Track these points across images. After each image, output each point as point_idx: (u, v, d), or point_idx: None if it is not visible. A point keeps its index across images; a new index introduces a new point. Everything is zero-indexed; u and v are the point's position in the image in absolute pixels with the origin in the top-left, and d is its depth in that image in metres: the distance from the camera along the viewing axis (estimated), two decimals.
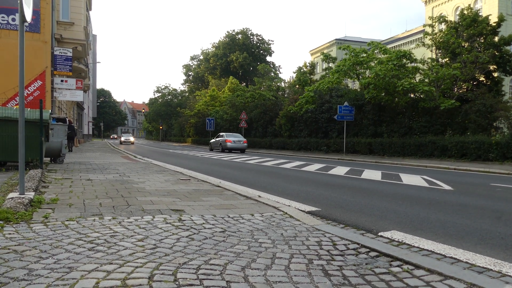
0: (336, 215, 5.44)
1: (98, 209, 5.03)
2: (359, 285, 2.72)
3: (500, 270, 3.15)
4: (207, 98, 53.87)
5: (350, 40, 63.59)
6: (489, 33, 23.32)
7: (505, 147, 16.70)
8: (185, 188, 7.39)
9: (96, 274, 2.68)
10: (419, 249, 3.75)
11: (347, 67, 26.54)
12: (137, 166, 12.39)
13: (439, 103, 20.64)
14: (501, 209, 6.04)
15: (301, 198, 6.89)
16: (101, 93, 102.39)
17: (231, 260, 3.12)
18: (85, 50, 22.46)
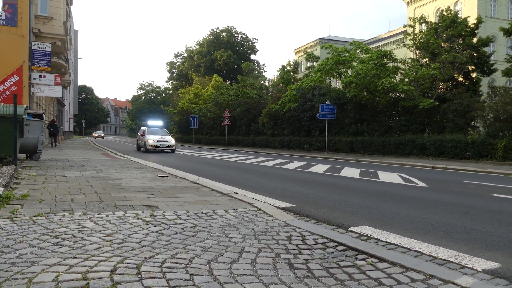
0: (310, 211, 5.50)
1: (69, 205, 4.96)
2: (323, 277, 2.77)
3: (460, 262, 3.24)
4: (191, 95, 53.45)
5: (334, 39, 64.05)
6: (468, 34, 23.80)
7: (481, 145, 17.10)
8: (161, 184, 7.35)
9: (58, 268, 2.65)
10: (386, 243, 3.83)
11: (329, 66, 26.72)
12: (116, 163, 12.25)
13: (418, 102, 20.98)
14: (470, 205, 6.20)
15: (278, 195, 6.93)
16: (83, 89, 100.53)
17: (198, 254, 3.13)
18: (65, 45, 22.03)
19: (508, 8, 45.01)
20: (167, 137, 23.07)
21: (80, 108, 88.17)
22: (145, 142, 22.34)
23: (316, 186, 8.41)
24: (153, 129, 24.60)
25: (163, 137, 22.87)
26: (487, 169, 13.30)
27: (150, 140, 22.08)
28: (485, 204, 6.40)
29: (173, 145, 22.64)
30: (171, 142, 22.53)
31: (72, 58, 45.80)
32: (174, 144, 22.85)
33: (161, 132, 24.24)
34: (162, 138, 22.61)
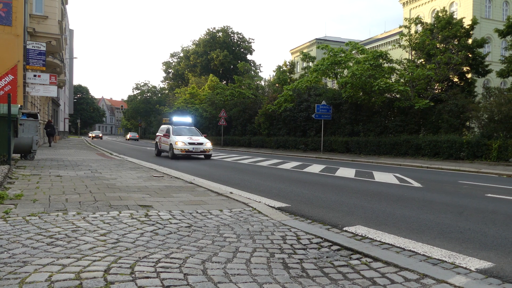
0: (305, 211, 5.50)
1: (63, 205, 4.94)
2: (317, 277, 2.77)
3: (454, 261, 3.26)
4: (187, 95, 53.40)
5: (330, 40, 64.17)
6: (463, 35, 23.93)
7: (475, 146, 17.20)
8: (156, 184, 7.33)
9: (51, 268, 2.64)
10: (380, 243, 3.84)
11: (325, 67, 26.78)
12: (111, 163, 12.20)
13: (413, 103, 21.08)
14: (464, 205, 6.24)
15: (273, 195, 6.93)
16: (78, 89, 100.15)
17: (193, 254, 3.12)
18: (60, 45, 21.93)
19: (503, 9, 45.28)
20: (201, 138, 17.65)
21: (76, 108, 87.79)
22: (172, 145, 16.85)
23: (312, 186, 8.42)
24: (180, 128, 18.65)
25: (196, 138, 17.40)
26: (481, 170, 13.38)
27: (179, 142, 16.53)
28: (479, 204, 6.43)
29: (210, 149, 17.12)
30: (207, 145, 17.06)
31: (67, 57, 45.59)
32: (211, 148, 17.27)
33: (191, 132, 18.62)
34: (195, 140, 17.13)
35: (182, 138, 17.06)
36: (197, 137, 17.83)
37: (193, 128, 19.40)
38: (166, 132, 18.21)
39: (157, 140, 19.33)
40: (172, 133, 17.67)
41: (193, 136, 17.68)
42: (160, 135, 18.86)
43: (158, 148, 19.10)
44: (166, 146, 17.74)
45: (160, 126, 20.57)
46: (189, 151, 16.56)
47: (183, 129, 18.67)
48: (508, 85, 25.91)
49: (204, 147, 16.87)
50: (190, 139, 17.07)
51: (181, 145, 16.45)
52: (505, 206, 6.34)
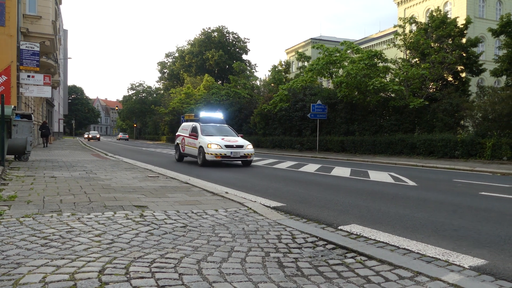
0: (301, 210, 5.52)
1: (57, 206, 4.92)
2: (312, 275, 2.78)
3: (448, 259, 3.28)
4: (182, 95, 53.31)
5: (325, 39, 64.29)
6: (457, 34, 24.09)
7: (470, 145, 17.31)
8: (152, 185, 7.31)
9: (45, 269, 2.63)
10: (375, 242, 3.86)
11: (320, 66, 26.83)
12: (106, 164, 12.16)
13: (408, 102, 21.18)
14: (458, 203, 6.28)
15: (269, 194, 6.94)
16: (72, 90, 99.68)
17: (188, 254, 3.12)
18: (54, 45, 21.81)
19: (497, 9, 45.58)
20: (239, 140, 13.96)
21: (70, 108, 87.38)
22: (202, 148, 13.21)
23: (307, 186, 8.44)
24: (211, 126, 14.98)
25: (233, 140, 13.72)
26: (475, 168, 13.46)
27: (213, 145, 12.93)
28: (473, 202, 6.48)
29: (251, 153, 13.49)
30: (248, 149, 13.46)
31: (61, 58, 45.35)
32: (253, 152, 13.64)
33: (224, 131, 14.90)
34: (233, 142, 13.47)
35: (216, 139, 13.39)
36: (234, 137, 14.18)
37: (225, 127, 15.47)
38: (192, 131, 14.61)
39: (179, 142, 15.78)
40: (201, 132, 14.05)
41: (229, 137, 14.00)
42: (183, 135, 15.36)
43: (180, 151, 15.55)
44: (192, 149, 14.23)
45: (182, 124, 16.81)
46: (227, 156, 12.93)
47: (214, 127, 14.96)
48: (502, 84, 26.09)
49: (245, 151, 13.22)
50: (227, 140, 13.41)
51: (216, 149, 12.83)
52: (498, 204, 6.38)
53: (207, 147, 12.93)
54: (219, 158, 12.84)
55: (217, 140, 13.32)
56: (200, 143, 13.52)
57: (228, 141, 13.33)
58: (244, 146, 13.37)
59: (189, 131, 14.92)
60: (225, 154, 12.88)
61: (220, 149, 12.87)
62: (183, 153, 15.43)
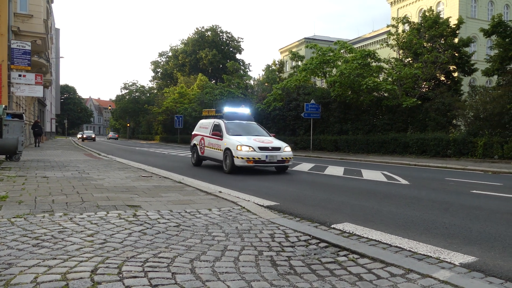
0: (294, 209, 5.53)
1: (49, 206, 4.88)
2: (304, 273, 2.79)
3: (439, 256, 3.32)
4: (176, 95, 53.13)
5: (319, 39, 64.44)
6: (449, 34, 24.28)
7: (462, 143, 17.47)
8: (145, 184, 7.29)
9: (37, 269, 2.61)
10: (367, 240, 3.89)
11: (314, 66, 26.89)
12: (99, 164, 12.10)
13: (401, 101, 21.32)
14: (450, 201, 6.34)
15: (262, 193, 6.95)
16: (65, 89, 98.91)
17: (181, 253, 3.12)
18: (45, 44, 21.63)
19: (488, 9, 45.99)
20: (275, 141, 11.46)
21: (63, 108, 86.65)
22: (229, 151, 10.76)
23: (300, 185, 8.46)
24: (238, 124, 12.47)
25: (267, 141, 11.22)
26: (467, 167, 13.59)
27: (244, 147, 10.50)
28: (465, 200, 6.54)
29: (290, 156, 11.06)
30: (286, 151, 11.02)
31: (53, 57, 45.00)
32: (291, 156, 11.19)
33: (254, 130, 12.43)
34: (267, 143, 10.96)
35: (246, 140, 10.93)
36: (267, 138, 11.71)
37: (254, 124, 12.92)
38: (214, 130, 12.20)
39: (196, 142, 13.36)
40: (227, 131, 11.63)
41: (261, 137, 11.53)
42: (202, 135, 12.94)
43: (199, 153, 12.98)
44: (215, 152, 11.79)
45: (200, 121, 14.12)
46: (261, 161, 10.45)
47: (242, 125, 12.45)
48: (493, 83, 26.34)
49: (282, 154, 10.75)
50: (260, 141, 10.93)
51: (248, 152, 10.37)
52: (489, 202, 6.46)
53: (236, 150, 10.47)
54: (251, 163, 10.38)
55: (248, 140, 10.85)
56: (227, 144, 10.99)
57: (261, 142, 10.85)
58: (281, 148, 10.90)
59: (210, 130, 12.48)
60: (259, 158, 10.37)
61: (252, 152, 10.39)
62: (202, 156, 12.88)
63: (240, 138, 11.12)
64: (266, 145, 10.76)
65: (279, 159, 10.65)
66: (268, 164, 10.72)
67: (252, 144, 10.62)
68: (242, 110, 14.02)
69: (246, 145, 10.53)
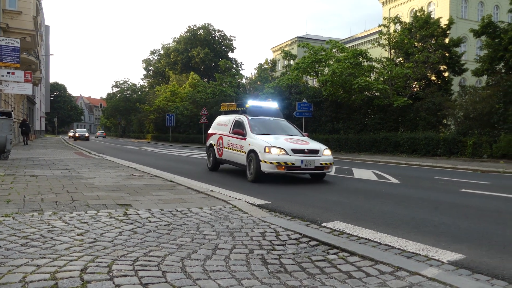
0: (285, 207, 5.55)
1: (39, 205, 4.84)
2: (294, 272, 2.81)
3: (427, 254, 3.36)
4: (168, 93, 52.89)
5: (311, 38, 64.56)
6: (440, 34, 24.49)
7: (451, 143, 17.65)
8: (136, 183, 7.25)
9: (25, 268, 2.59)
10: (357, 238, 3.92)
11: (306, 65, 26.95)
12: (89, 162, 12.00)
13: (392, 101, 21.46)
14: (439, 200, 6.41)
15: (254, 192, 6.96)
16: (55, 87, 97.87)
17: (172, 252, 3.12)
18: (35, 41, 21.39)
19: (478, 10, 46.45)
20: (310, 141, 9.50)
21: (52, 106, 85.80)
22: (255, 153, 8.72)
23: (292, 183, 8.48)
24: (264, 121, 10.40)
25: (301, 141, 9.22)
26: (457, 166, 13.74)
27: (273, 148, 8.50)
28: (454, 199, 6.62)
29: (331, 161, 8.98)
30: (325, 155, 8.94)
31: (43, 54, 44.52)
32: (332, 160, 9.04)
33: (284, 128, 10.35)
34: (302, 145, 8.93)
35: (275, 140, 8.88)
36: (300, 137, 9.68)
37: (284, 122, 10.79)
38: (235, 127, 10.18)
39: (213, 143, 11.16)
40: (251, 129, 9.54)
41: (293, 137, 9.47)
42: (220, 134, 10.89)
43: (216, 155, 10.86)
44: (236, 154, 9.75)
45: (217, 118, 11.98)
46: (295, 167, 8.34)
47: (269, 123, 10.32)
48: (483, 83, 26.65)
49: (321, 158, 8.65)
50: (293, 142, 8.91)
51: (278, 155, 8.31)
52: (477, 200, 6.54)
53: (263, 152, 8.41)
54: (282, 169, 8.28)
55: (277, 141, 8.80)
56: (252, 145, 8.92)
57: (295, 143, 8.77)
58: (319, 151, 8.78)
59: (230, 128, 10.43)
60: (292, 163, 8.25)
61: (284, 156, 8.30)
62: (220, 159, 10.75)
63: (267, 137, 9.02)
64: (301, 147, 8.66)
65: (317, 164, 8.51)
66: (304, 171, 8.66)
67: (283, 145, 8.53)
68: (269, 104, 11.70)
69: (276, 146, 8.43)
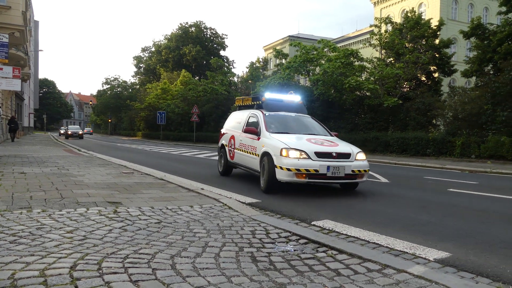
0: (275, 206, 5.58)
1: (27, 202, 4.80)
2: (284, 269, 2.84)
3: (414, 252, 3.41)
4: (159, 91, 52.59)
5: (303, 37, 64.70)
6: (430, 35, 24.73)
7: (441, 143, 17.85)
8: (126, 181, 7.23)
9: (14, 265, 2.58)
10: (346, 236, 3.96)
11: (297, 64, 27.01)
12: (79, 160, 11.91)
13: (383, 100, 21.62)
14: (427, 199, 6.50)
15: (244, 191, 6.98)
16: (44, 83, 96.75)
17: (162, 250, 3.13)
18: (24, 37, 21.09)
19: (468, 11, 46.99)
20: (339, 142, 7.53)
21: (41, 102, 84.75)
22: (267, 156, 6.92)
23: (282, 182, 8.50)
24: (283, 117, 8.56)
25: (327, 141, 7.26)
26: (445, 165, 13.90)
27: (292, 151, 6.57)
28: (442, 198, 6.72)
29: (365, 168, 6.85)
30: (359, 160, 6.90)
31: (32, 50, 43.96)
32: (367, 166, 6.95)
33: (307, 126, 8.49)
34: (327, 145, 6.97)
35: (296, 140, 7.10)
36: (327, 137, 7.85)
37: (308, 118, 8.93)
38: (249, 125, 8.47)
39: (225, 143, 9.51)
40: (266, 127, 7.82)
41: (318, 137, 7.66)
42: (232, 132, 9.25)
43: (228, 158, 9.21)
44: (248, 157, 8.08)
45: (231, 114, 10.31)
46: (319, 175, 6.49)
47: (289, 119, 8.50)
48: (472, 84, 26.97)
49: (353, 164, 6.77)
50: (319, 144, 7.01)
51: (297, 160, 6.52)
52: (465, 200, 6.65)
53: (279, 156, 6.60)
54: (302, 178, 6.42)
55: (298, 142, 6.96)
56: (266, 146, 7.12)
57: (319, 145, 6.85)
58: (351, 155, 6.85)
59: (243, 125, 8.74)
60: (315, 170, 6.39)
61: (305, 161, 6.46)
62: (232, 163, 9.11)
63: (286, 137, 7.11)
64: (328, 150, 6.70)
65: (348, 172, 6.53)
66: (331, 181, 6.68)
67: (305, 147, 6.62)
68: (291, 97, 9.43)
69: (295, 148, 6.54)
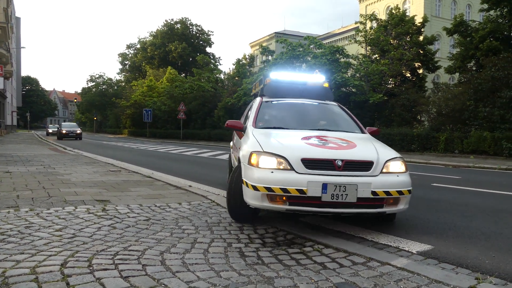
0: None
1: (14, 202, 4.78)
2: (271, 263, 2.91)
3: (398, 246, 3.52)
4: (144, 88, 52.09)
5: (289, 34, 64.84)
6: (415, 32, 25.10)
7: (425, 138, 18.18)
8: (114, 179, 7.21)
9: (4, 264, 2.60)
10: (332, 231, 4.05)
11: (284, 61, 27.11)
12: (65, 158, 11.80)
13: (368, 97, 21.89)
14: (412, 194, 6.61)
15: None
16: (27, 81, 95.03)
17: (151, 246, 3.17)
18: (5, 34, 20.72)
19: (452, 9, 47.70)
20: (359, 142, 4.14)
21: (25, 100, 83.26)
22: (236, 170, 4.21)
23: None
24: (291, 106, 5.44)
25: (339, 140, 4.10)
26: (430, 161, 14.18)
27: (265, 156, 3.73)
28: (425, 193, 6.88)
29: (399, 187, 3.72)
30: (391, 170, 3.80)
31: (14, 47, 43.10)
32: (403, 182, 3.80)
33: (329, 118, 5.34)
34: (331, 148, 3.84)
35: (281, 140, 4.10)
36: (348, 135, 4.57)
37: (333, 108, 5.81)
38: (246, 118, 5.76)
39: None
40: (255, 120, 4.97)
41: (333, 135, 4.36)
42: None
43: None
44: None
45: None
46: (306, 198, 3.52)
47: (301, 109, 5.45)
48: (455, 80, 27.48)
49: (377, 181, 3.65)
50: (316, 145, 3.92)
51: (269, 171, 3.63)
52: (448, 194, 6.83)
53: (246, 165, 3.90)
54: (279, 203, 3.63)
55: (283, 142, 4.07)
56: (241, 149, 4.47)
57: (317, 146, 3.89)
58: (373, 164, 3.77)
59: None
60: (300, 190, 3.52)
61: (284, 173, 3.63)
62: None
63: (273, 135, 4.40)
64: (327, 155, 3.77)
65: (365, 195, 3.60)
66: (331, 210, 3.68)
67: (287, 150, 3.81)
68: (310, 78, 6.32)
69: (270, 152, 3.80)
